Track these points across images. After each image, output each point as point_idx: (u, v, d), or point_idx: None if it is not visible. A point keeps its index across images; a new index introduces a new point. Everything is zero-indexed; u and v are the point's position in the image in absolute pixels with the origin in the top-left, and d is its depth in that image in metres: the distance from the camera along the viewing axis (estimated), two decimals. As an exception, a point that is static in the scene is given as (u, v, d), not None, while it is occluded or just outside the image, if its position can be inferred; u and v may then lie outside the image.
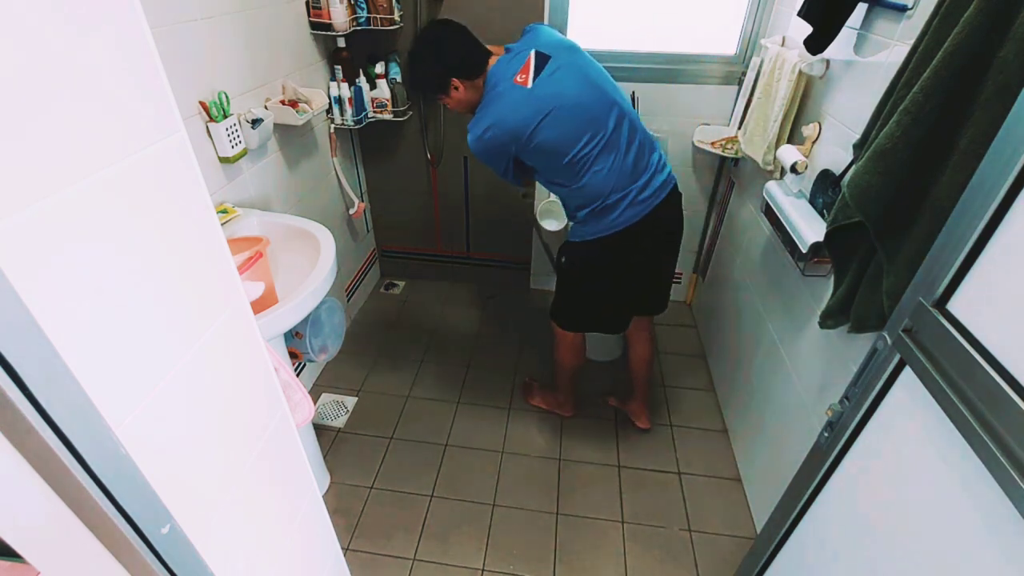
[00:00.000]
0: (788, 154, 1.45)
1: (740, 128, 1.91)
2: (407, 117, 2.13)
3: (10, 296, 0.34)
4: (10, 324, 0.34)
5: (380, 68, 2.03)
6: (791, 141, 1.58)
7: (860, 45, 1.28)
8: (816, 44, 1.29)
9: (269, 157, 1.70)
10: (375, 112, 2.07)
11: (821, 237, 1.18)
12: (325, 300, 1.51)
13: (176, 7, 1.24)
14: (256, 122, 1.48)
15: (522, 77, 1.37)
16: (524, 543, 1.62)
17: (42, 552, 0.42)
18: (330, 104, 1.95)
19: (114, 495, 0.44)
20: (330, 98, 1.93)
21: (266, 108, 1.61)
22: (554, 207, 2.10)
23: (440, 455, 1.88)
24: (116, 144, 0.43)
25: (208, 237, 0.55)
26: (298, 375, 2.02)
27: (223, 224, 1.38)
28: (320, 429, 1.95)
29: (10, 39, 0.34)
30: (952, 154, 0.84)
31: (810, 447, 0.92)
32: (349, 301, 2.47)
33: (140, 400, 0.48)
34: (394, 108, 2.06)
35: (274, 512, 0.77)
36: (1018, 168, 0.53)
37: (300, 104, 1.72)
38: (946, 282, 0.62)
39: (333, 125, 2.02)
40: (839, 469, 0.86)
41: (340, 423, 1.98)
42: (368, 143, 2.36)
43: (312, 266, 1.31)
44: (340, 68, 1.94)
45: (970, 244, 0.59)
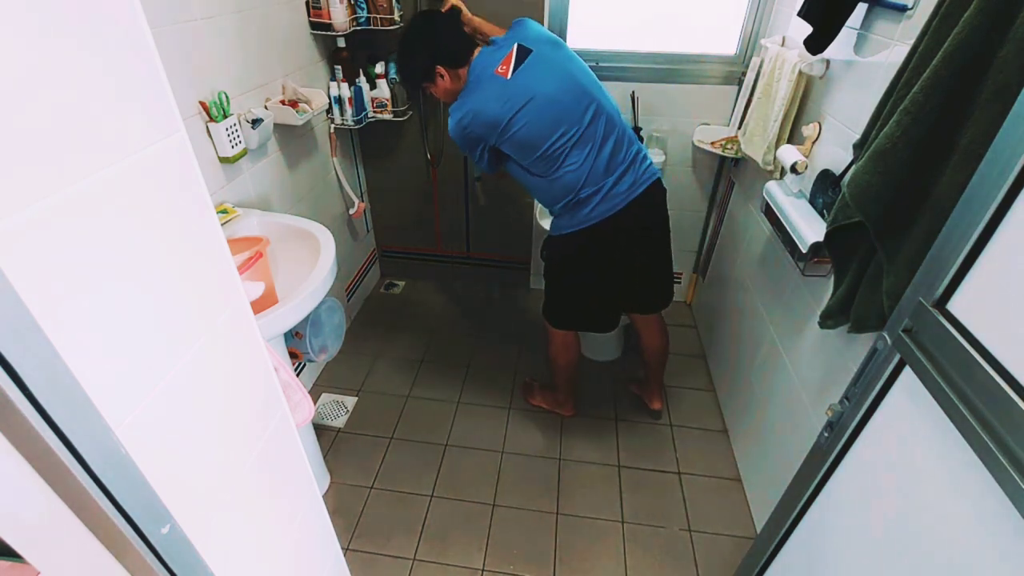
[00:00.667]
0: (788, 154, 1.45)
1: (740, 128, 1.91)
2: (407, 117, 2.13)
3: (10, 296, 0.34)
4: (10, 324, 0.34)
5: (380, 68, 2.02)
6: (791, 141, 1.58)
7: (860, 45, 1.28)
8: (816, 44, 1.29)
9: (269, 157, 1.70)
10: (375, 112, 2.07)
11: (821, 237, 1.18)
12: (325, 300, 1.51)
13: (176, 7, 1.24)
14: (256, 122, 1.48)
15: (502, 68, 1.40)
16: (524, 543, 1.62)
17: (42, 552, 0.42)
18: (330, 104, 1.95)
19: (114, 495, 0.44)
20: (330, 98, 1.93)
21: (266, 108, 1.61)
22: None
23: (440, 455, 1.88)
24: (116, 144, 0.43)
25: (208, 237, 0.55)
26: (298, 375, 2.02)
27: (223, 224, 1.38)
28: (320, 429, 1.95)
29: (11, 40, 0.34)
30: (952, 154, 0.84)
31: (810, 447, 0.92)
32: (349, 301, 2.47)
33: (140, 400, 0.48)
34: (394, 108, 2.06)
35: (274, 512, 0.77)
36: (1018, 168, 0.53)
37: (300, 104, 1.72)
38: (946, 282, 0.62)
39: (333, 125, 2.02)
40: (839, 469, 0.86)
41: (340, 423, 1.98)
42: (368, 143, 2.36)
43: (312, 266, 1.31)
44: (340, 68, 1.94)
45: (970, 244, 0.59)
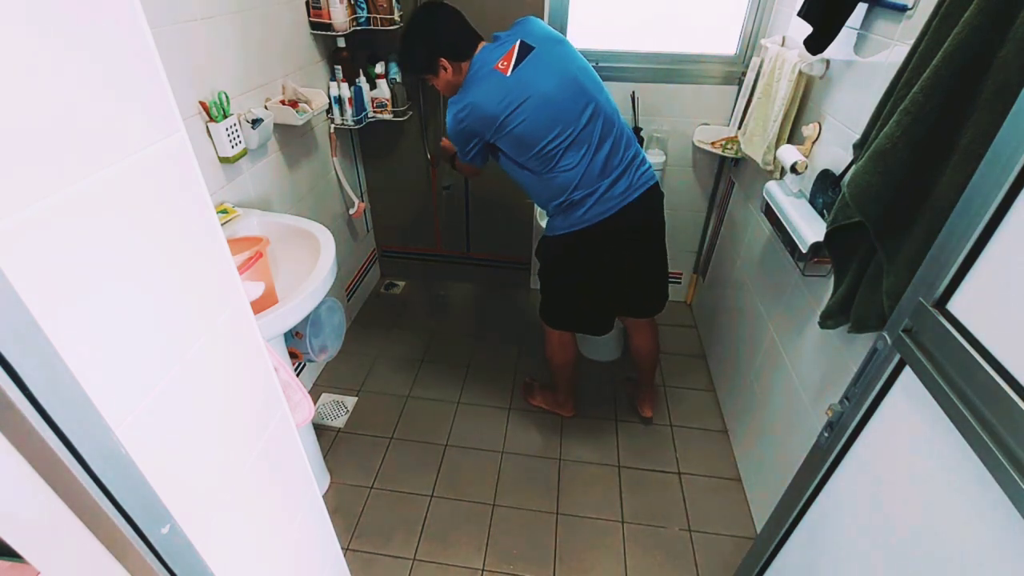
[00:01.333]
0: (788, 154, 1.45)
1: (740, 128, 1.91)
2: (407, 117, 2.13)
3: (10, 296, 0.34)
4: (10, 324, 0.34)
5: (380, 68, 2.02)
6: (791, 141, 1.58)
7: (860, 45, 1.28)
8: (816, 44, 1.29)
9: (269, 157, 1.70)
10: (375, 112, 2.07)
11: (821, 237, 1.18)
12: (325, 300, 1.51)
13: (176, 7, 1.24)
14: (256, 122, 1.48)
15: (502, 65, 1.39)
16: (524, 543, 1.62)
17: (42, 552, 0.42)
18: (330, 104, 1.94)
19: (114, 495, 0.44)
20: (330, 98, 1.93)
21: (266, 108, 1.61)
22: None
23: (440, 455, 1.88)
24: (116, 144, 0.43)
25: (208, 237, 0.55)
26: (298, 375, 2.02)
27: (223, 224, 1.38)
28: (320, 429, 1.95)
29: (11, 40, 0.34)
30: (952, 154, 0.84)
31: (810, 447, 0.92)
32: (349, 301, 2.47)
33: (140, 400, 0.48)
34: (394, 108, 2.06)
35: (274, 512, 0.77)
36: (1018, 168, 0.53)
37: (300, 104, 1.72)
38: (946, 282, 0.62)
39: (333, 125, 2.02)
40: (839, 469, 0.86)
41: (340, 423, 1.98)
42: (368, 143, 2.36)
43: (312, 266, 1.31)
44: (340, 68, 1.94)
45: (970, 244, 0.59)
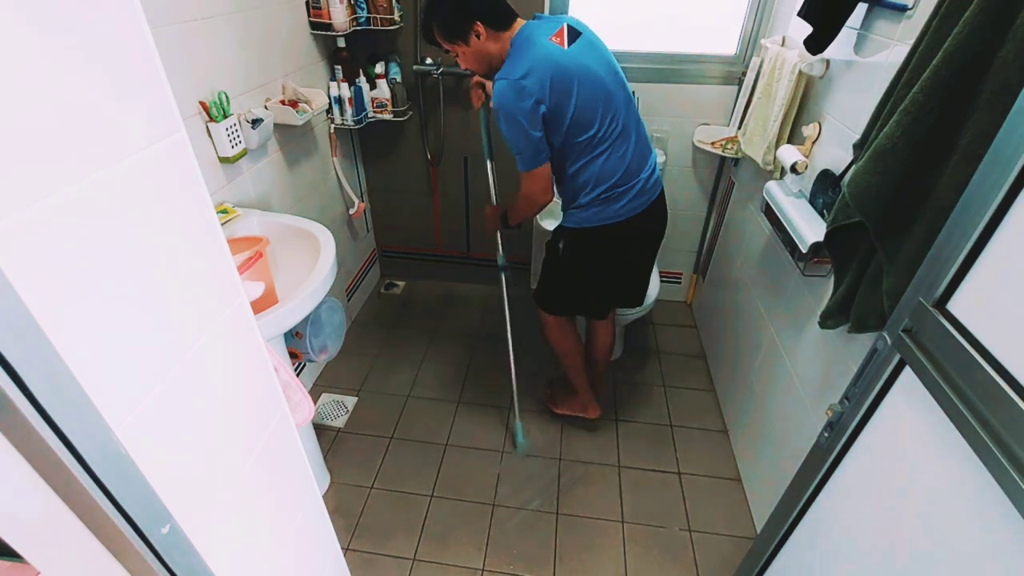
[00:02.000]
0: (788, 154, 1.45)
1: (740, 128, 1.91)
2: (407, 117, 2.13)
3: (10, 296, 0.34)
4: (10, 324, 0.34)
5: (380, 68, 2.03)
6: (791, 141, 1.58)
7: (860, 45, 1.28)
8: (816, 44, 1.29)
9: (269, 157, 1.70)
10: (375, 112, 2.07)
11: (821, 237, 1.18)
12: (325, 300, 1.51)
13: (176, 7, 1.24)
14: (256, 122, 1.48)
15: (557, 40, 1.31)
16: (524, 543, 1.62)
17: (42, 552, 0.42)
18: (330, 104, 1.94)
19: (114, 495, 0.44)
20: (330, 98, 1.93)
21: (266, 108, 1.61)
22: (555, 207, 2.10)
23: (440, 455, 1.88)
24: (116, 144, 0.43)
25: (208, 237, 0.55)
26: (298, 375, 2.02)
27: (223, 224, 1.38)
28: (320, 429, 1.95)
29: (11, 40, 0.34)
30: (952, 154, 0.84)
31: (810, 447, 0.92)
32: (349, 301, 2.47)
33: (140, 400, 0.48)
34: (394, 108, 2.06)
35: (274, 512, 0.77)
36: (1018, 168, 0.53)
37: (300, 104, 1.72)
38: (946, 282, 0.62)
39: (333, 125, 2.02)
40: (839, 469, 0.86)
41: (340, 423, 1.98)
42: (368, 143, 2.36)
43: (312, 266, 1.31)
44: (340, 68, 1.94)
45: (970, 244, 0.59)
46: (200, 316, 0.55)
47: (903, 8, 1.09)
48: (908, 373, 0.69)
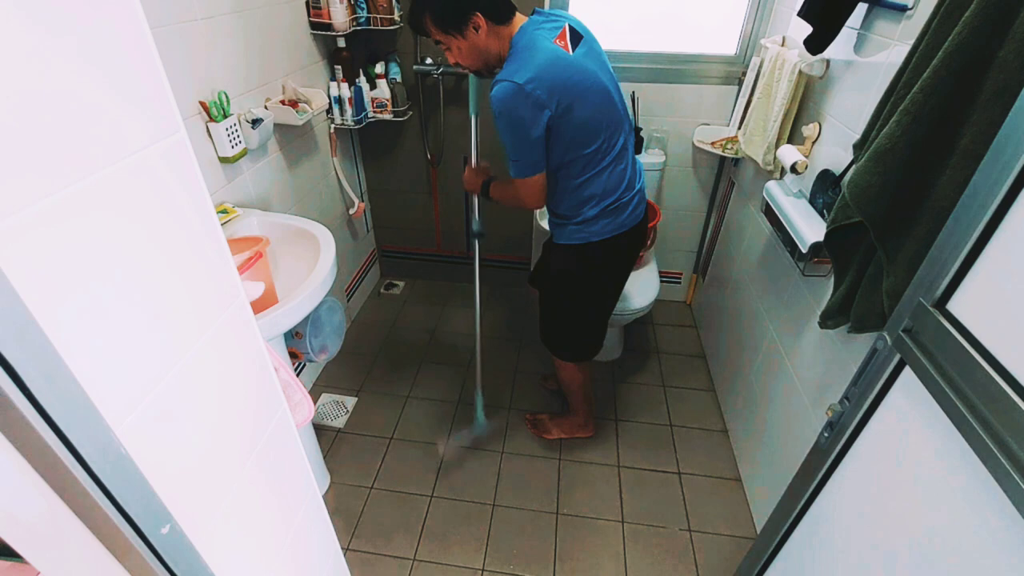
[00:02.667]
0: (788, 154, 1.45)
1: (740, 128, 1.91)
2: (407, 117, 2.13)
3: (10, 296, 0.34)
4: (10, 324, 0.34)
5: (380, 68, 2.03)
6: (791, 141, 1.58)
7: (860, 45, 1.28)
8: (816, 44, 1.29)
9: (269, 157, 1.70)
10: (375, 112, 2.07)
11: (821, 237, 1.18)
12: (325, 300, 1.51)
13: (176, 7, 1.24)
14: (256, 122, 1.48)
15: (561, 43, 1.24)
16: (524, 543, 1.62)
17: (42, 552, 0.42)
18: (330, 104, 1.95)
19: (114, 495, 0.44)
20: (330, 98, 1.93)
21: (266, 108, 1.61)
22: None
23: (440, 455, 1.88)
24: (116, 144, 0.43)
25: (208, 237, 0.55)
26: (298, 375, 2.02)
27: (223, 224, 1.38)
28: (320, 429, 1.95)
29: (11, 40, 0.34)
30: (952, 154, 0.84)
31: (810, 447, 0.92)
32: (349, 301, 2.47)
33: (140, 400, 0.48)
34: (394, 108, 2.06)
35: (274, 512, 0.77)
36: (1018, 168, 0.53)
37: (300, 104, 1.72)
38: (946, 282, 0.62)
39: (333, 125, 2.02)
40: (839, 469, 0.86)
41: (340, 423, 1.98)
42: (368, 143, 2.36)
43: (312, 266, 1.31)
44: (340, 68, 1.94)
45: (970, 244, 0.59)
46: (200, 316, 0.55)
47: (903, 8, 1.09)
48: (908, 373, 0.69)
